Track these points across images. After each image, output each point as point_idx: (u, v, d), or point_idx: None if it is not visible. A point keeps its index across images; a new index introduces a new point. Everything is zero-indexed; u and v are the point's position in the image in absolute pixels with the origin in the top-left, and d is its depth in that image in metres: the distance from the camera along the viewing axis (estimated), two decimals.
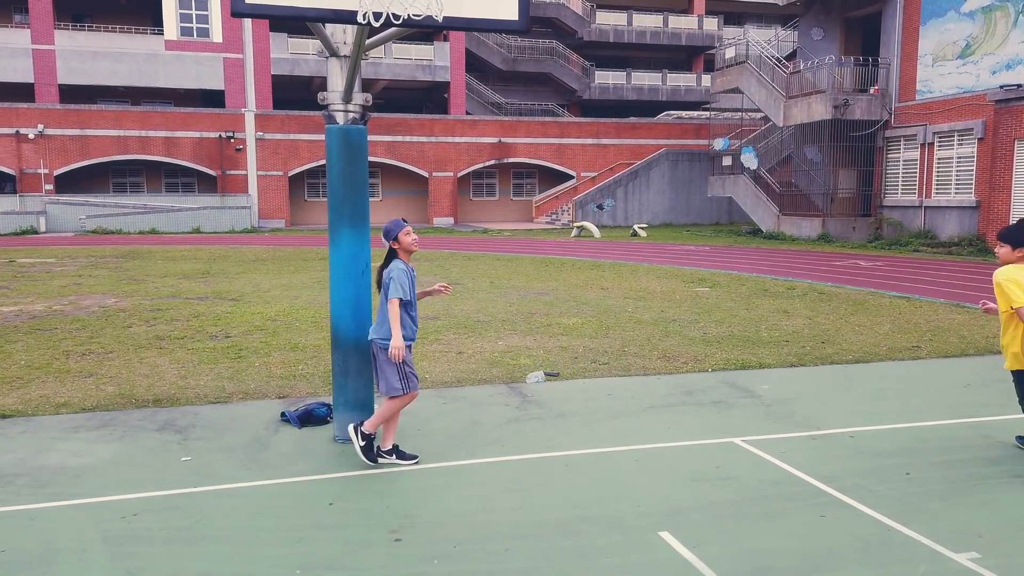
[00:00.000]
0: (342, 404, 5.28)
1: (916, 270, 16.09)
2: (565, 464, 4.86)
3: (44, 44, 32.26)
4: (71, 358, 7.75)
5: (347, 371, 5.24)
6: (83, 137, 31.41)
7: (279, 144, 33.46)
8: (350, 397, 5.25)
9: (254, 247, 22.64)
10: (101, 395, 6.41)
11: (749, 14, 46.64)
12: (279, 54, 34.59)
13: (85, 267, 16.63)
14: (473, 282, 13.91)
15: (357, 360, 5.23)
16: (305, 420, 5.63)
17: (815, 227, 24.05)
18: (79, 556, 3.63)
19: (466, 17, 4.28)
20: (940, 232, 21.80)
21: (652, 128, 37.56)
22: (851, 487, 4.45)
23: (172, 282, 13.95)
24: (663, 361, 7.67)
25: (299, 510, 4.17)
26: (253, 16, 4.03)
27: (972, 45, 21.05)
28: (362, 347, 5.21)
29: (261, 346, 8.32)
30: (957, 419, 5.79)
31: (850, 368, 7.42)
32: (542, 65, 39.92)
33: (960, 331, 9.19)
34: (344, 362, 5.24)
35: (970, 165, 21.08)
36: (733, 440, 5.30)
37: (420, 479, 4.62)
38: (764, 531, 3.91)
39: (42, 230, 29.28)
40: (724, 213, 35.23)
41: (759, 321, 9.86)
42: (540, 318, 10.07)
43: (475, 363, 7.57)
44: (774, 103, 25.46)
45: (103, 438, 5.33)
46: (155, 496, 4.32)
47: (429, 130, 35.04)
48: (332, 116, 5.07)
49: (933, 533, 3.85)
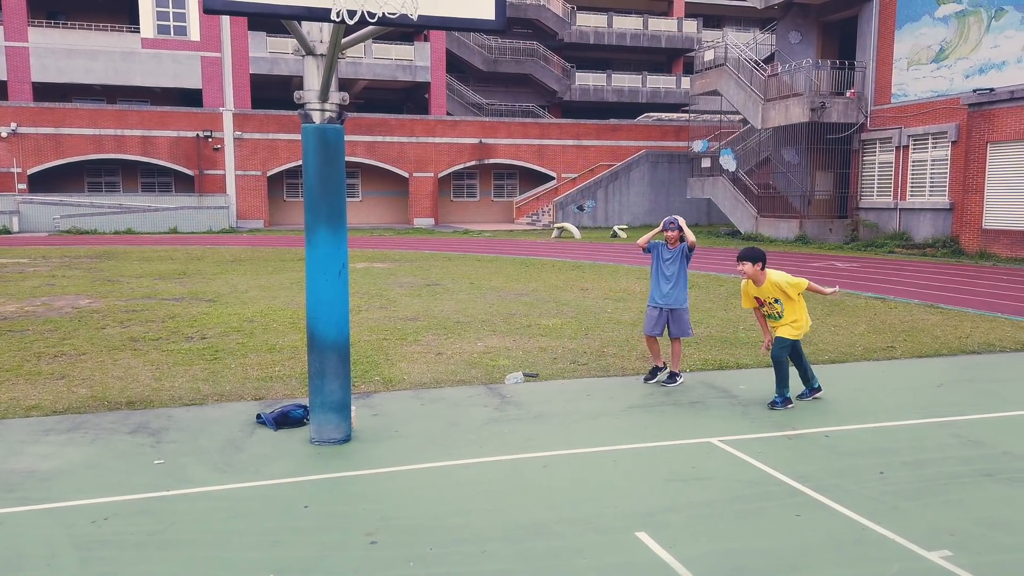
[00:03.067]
0: (319, 405, 5.23)
1: (891, 271, 16.29)
2: (543, 465, 4.85)
3: (17, 41, 31.75)
4: (43, 360, 7.62)
5: (324, 372, 5.19)
6: (57, 136, 30.95)
7: (258, 144, 33.18)
8: (327, 398, 5.21)
9: (232, 247, 22.42)
10: (73, 397, 6.31)
11: (728, 17, 46.98)
12: (258, 53, 34.30)
13: (59, 267, 16.38)
14: (453, 283, 13.88)
15: (334, 361, 5.19)
16: (281, 422, 5.58)
17: (793, 229, 24.27)
18: (48, 562, 3.56)
19: (442, 16, 4.26)
20: (915, 234, 22.09)
21: (632, 130, 37.71)
22: (826, 486, 4.49)
23: (148, 283, 13.77)
24: (642, 361, 7.69)
25: (274, 513, 4.13)
26: (227, 13, 3.98)
27: (946, 49, 21.35)
28: (339, 347, 5.17)
29: (237, 347, 8.24)
30: (930, 419, 5.86)
31: (826, 368, 7.48)
32: (523, 66, 39.95)
33: (934, 331, 9.31)
34: (321, 363, 5.19)
35: (944, 168, 21.38)
36: (710, 440, 5.32)
37: (397, 481, 4.60)
38: (740, 531, 3.92)
39: (15, 230, 28.80)
40: (703, 215, 35.44)
41: (737, 322, 9.92)
42: (520, 319, 10.07)
43: (454, 364, 7.55)
44: (752, 106, 25.67)
45: (74, 441, 5.25)
46: (126, 500, 4.26)
47: (410, 130, 34.92)
48: (308, 115, 5.03)
49: (906, 532, 3.89)
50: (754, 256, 6.14)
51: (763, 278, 6.14)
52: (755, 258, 6.13)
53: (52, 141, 30.91)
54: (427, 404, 6.20)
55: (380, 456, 5.00)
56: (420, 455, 5.02)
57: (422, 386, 6.76)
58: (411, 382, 6.87)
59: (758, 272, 6.13)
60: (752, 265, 6.12)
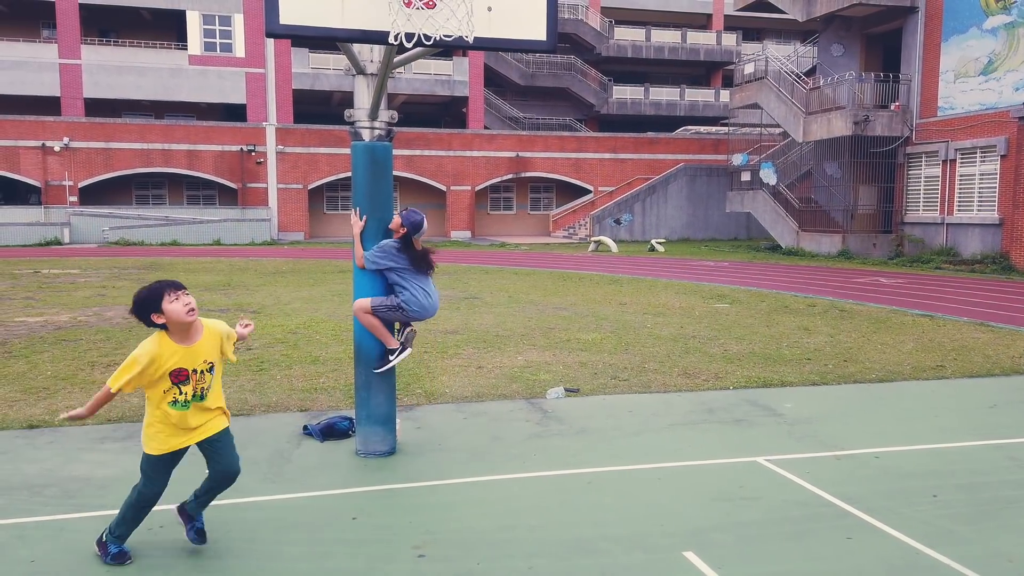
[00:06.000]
0: (364, 418, 5.30)
1: (939, 288, 15.93)
2: (587, 481, 4.85)
3: (71, 59, 32.87)
4: (96, 369, 7.84)
5: (370, 385, 5.26)
6: (107, 150, 31.91)
7: (299, 157, 33.80)
8: (373, 411, 5.27)
9: (274, 259, 22.82)
10: (126, 406, 6.48)
11: (768, 30, 46.63)
12: (300, 69, 35.01)
13: (108, 278, 16.85)
14: (491, 296, 13.94)
15: (381, 376, 5.25)
16: (327, 434, 5.66)
17: (835, 243, 23.89)
18: (107, 569, 3.66)
19: (496, 38, 4.32)
20: (963, 249, 21.58)
21: (670, 143, 37.56)
22: (877, 508, 4.41)
23: (194, 294, 14.02)
24: (683, 378, 7.64)
25: (323, 524, 4.19)
26: (288, 36, 4.10)
27: (995, 61, 20.91)
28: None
29: (282, 359, 8.38)
30: (984, 440, 5.71)
31: (873, 387, 7.35)
32: (560, 80, 40.10)
33: (985, 350, 9.08)
34: (367, 376, 5.26)
35: (993, 182, 20.88)
36: (756, 459, 5.26)
37: (442, 494, 4.63)
38: (790, 553, 3.87)
39: (66, 241, 29.71)
40: (743, 229, 35.10)
41: (780, 338, 9.80)
42: (559, 333, 10.07)
43: (495, 378, 7.58)
44: (793, 119, 25.40)
45: (128, 449, 5.38)
46: None
47: (447, 144, 35.26)
48: (358, 133, 5.13)
49: (962, 557, 3.80)
50: None
51: None
52: None
53: (102, 155, 31.88)
54: (469, 418, 6.24)
55: (424, 469, 5.04)
56: (464, 469, 5.05)
57: (464, 399, 6.80)
58: (453, 395, 6.91)
59: None
60: None
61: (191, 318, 3.62)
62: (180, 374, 3.60)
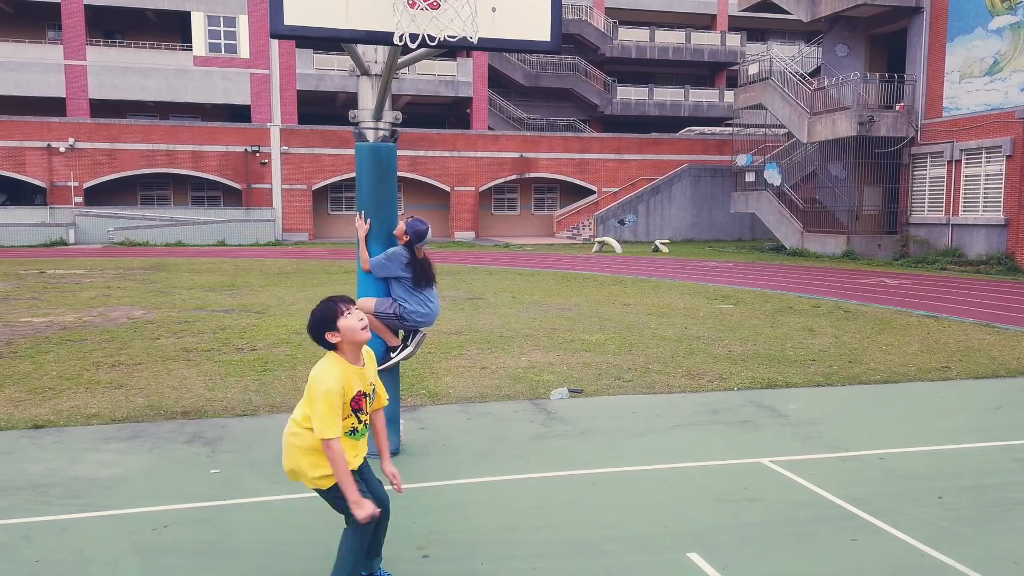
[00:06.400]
0: None
1: (944, 289, 15.89)
2: (591, 482, 4.84)
3: (76, 60, 32.97)
4: (101, 369, 7.86)
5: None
6: (112, 151, 31.99)
7: (303, 158, 33.85)
8: None
9: (278, 260, 22.86)
10: (131, 406, 6.50)
11: (772, 30, 46.56)
12: (304, 70, 35.06)
13: (113, 279, 16.89)
14: (495, 297, 13.94)
15: (386, 376, 5.25)
16: None
17: (840, 244, 23.84)
18: (111, 567, 3.67)
19: (500, 38, 4.33)
20: (968, 250, 21.52)
21: (674, 144, 37.52)
22: (882, 510, 4.39)
23: (198, 294, 14.12)
24: (688, 379, 7.63)
25: (328, 525, 4.18)
26: (291, 37, 4.10)
27: (1000, 62, 20.85)
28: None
29: (286, 359, 8.39)
30: (989, 442, 5.70)
31: (878, 388, 7.33)
32: (564, 81, 40.09)
33: (990, 352, 9.05)
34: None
35: (998, 183, 20.82)
36: (761, 460, 5.25)
37: (446, 495, 4.63)
38: (795, 554, 3.86)
39: (71, 242, 29.79)
40: (747, 229, 35.04)
41: (784, 339, 9.78)
42: (563, 334, 10.07)
43: (499, 378, 7.58)
44: (798, 119, 25.36)
45: (133, 449, 5.40)
46: (185, 508, 4.37)
47: (451, 145, 35.27)
48: (362, 134, 5.14)
49: (968, 559, 3.79)
50: None
51: None
52: None
53: (107, 156, 31.97)
54: (473, 418, 6.24)
55: (429, 469, 5.05)
56: (468, 469, 5.05)
57: (468, 400, 6.80)
58: (457, 396, 6.91)
59: None
60: None
61: (367, 335, 3.22)
62: (360, 399, 3.17)
